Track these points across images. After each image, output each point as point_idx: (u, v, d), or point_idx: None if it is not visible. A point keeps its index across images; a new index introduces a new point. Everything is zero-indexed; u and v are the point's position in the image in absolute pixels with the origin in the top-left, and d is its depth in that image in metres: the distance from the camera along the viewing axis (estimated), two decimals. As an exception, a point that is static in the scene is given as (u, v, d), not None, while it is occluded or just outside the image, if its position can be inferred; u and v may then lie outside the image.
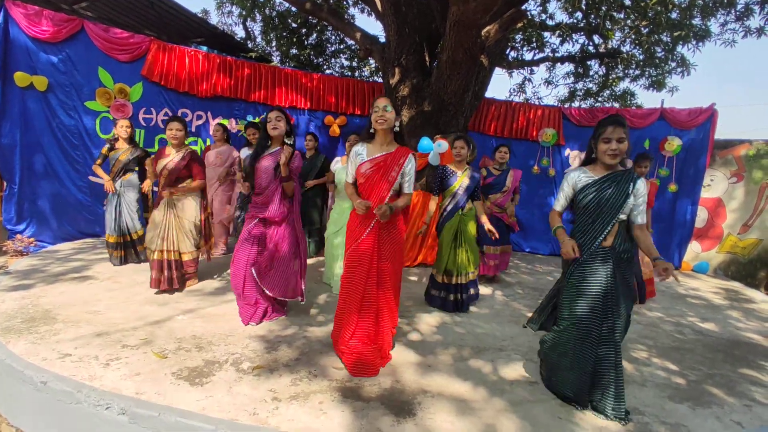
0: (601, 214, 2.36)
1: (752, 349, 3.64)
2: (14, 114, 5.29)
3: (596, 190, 2.36)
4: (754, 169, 6.85)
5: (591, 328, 2.35)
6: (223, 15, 11.25)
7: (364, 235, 2.70)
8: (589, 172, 2.44)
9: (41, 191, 5.52)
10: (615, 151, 2.31)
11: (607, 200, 2.33)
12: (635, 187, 2.33)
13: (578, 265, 2.41)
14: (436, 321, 3.68)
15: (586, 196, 2.39)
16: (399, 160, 2.73)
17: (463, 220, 3.94)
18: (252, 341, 2.97)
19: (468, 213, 3.97)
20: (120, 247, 4.64)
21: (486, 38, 5.42)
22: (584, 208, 2.41)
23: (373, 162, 2.74)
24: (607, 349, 2.34)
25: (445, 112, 5.92)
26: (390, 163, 2.73)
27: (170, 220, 3.89)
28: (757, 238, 6.84)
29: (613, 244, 2.37)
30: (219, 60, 6.46)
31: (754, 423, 2.43)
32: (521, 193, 7.81)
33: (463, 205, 3.94)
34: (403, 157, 2.74)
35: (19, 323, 2.97)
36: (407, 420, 2.17)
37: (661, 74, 8.73)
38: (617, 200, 2.32)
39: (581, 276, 2.39)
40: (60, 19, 5.40)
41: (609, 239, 2.37)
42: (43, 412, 2.30)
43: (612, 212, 2.33)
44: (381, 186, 2.72)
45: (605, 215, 2.34)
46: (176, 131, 3.86)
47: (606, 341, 2.34)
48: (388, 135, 2.78)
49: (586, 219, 2.41)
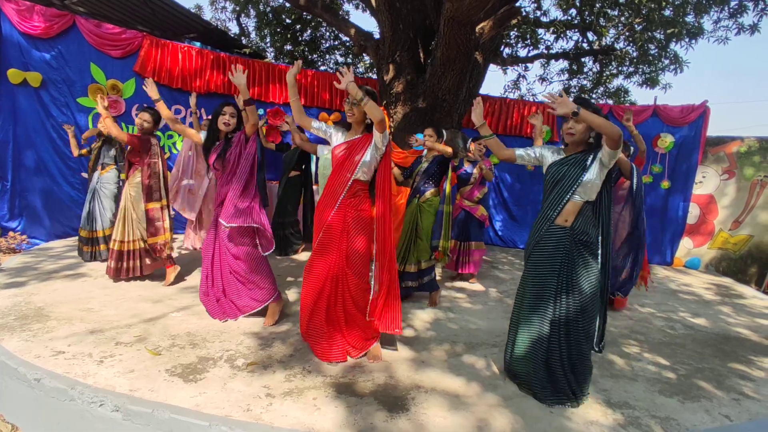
0: (554, 189, 2.42)
1: (742, 343, 3.69)
2: (6, 110, 5.25)
3: (557, 167, 2.44)
4: (745, 166, 6.91)
5: (544, 307, 2.41)
6: (216, 11, 11.21)
7: (330, 215, 2.77)
8: (563, 152, 2.51)
9: (34, 188, 5.49)
10: (570, 129, 2.39)
11: (563, 177, 2.39)
12: (593, 161, 2.35)
13: (535, 243, 2.48)
14: (430, 317, 3.70)
15: (548, 171, 2.49)
16: (363, 144, 2.82)
17: (419, 210, 3.92)
18: (246, 338, 2.98)
19: (426, 203, 3.93)
20: (90, 243, 4.64)
21: (480, 35, 5.42)
22: (546, 184, 2.51)
23: (346, 144, 2.86)
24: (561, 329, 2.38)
25: (440, 108, 5.92)
26: (355, 147, 2.83)
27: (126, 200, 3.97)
28: (748, 235, 6.91)
29: (573, 225, 2.40)
30: (213, 56, 6.42)
31: (743, 416, 2.47)
32: (514, 191, 7.92)
33: (422, 190, 3.92)
34: (369, 139, 2.83)
35: (12, 321, 2.96)
36: (400, 415, 2.19)
37: (654, 71, 8.78)
38: (571, 177, 2.37)
39: (535, 259, 2.47)
40: (51, 15, 5.35)
41: (569, 219, 2.40)
42: (37, 409, 2.30)
43: (565, 188, 2.37)
44: (346, 166, 2.80)
45: (558, 191, 2.40)
46: (143, 121, 3.96)
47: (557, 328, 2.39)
48: (359, 126, 2.89)
49: (546, 194, 2.50)
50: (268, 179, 6.59)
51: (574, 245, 2.38)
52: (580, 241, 2.39)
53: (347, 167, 2.79)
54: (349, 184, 2.77)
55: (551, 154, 2.53)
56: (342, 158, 2.82)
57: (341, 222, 2.77)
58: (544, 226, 2.45)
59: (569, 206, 2.39)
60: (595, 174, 2.35)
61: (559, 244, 2.40)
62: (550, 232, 2.43)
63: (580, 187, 2.36)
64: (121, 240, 3.93)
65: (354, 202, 2.80)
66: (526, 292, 2.51)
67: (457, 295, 4.43)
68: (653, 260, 7.11)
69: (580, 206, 2.40)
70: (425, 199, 3.98)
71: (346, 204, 2.79)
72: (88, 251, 4.62)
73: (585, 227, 2.39)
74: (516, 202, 7.87)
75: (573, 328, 2.39)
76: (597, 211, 2.47)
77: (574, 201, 2.39)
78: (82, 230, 4.65)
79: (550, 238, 2.43)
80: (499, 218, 7.91)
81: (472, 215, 4.87)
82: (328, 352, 2.73)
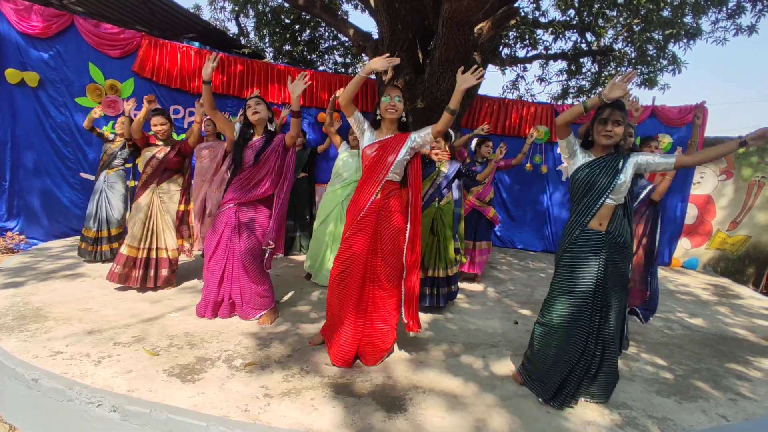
0: (588, 193, 2.37)
1: (739, 344, 3.70)
2: (4, 110, 5.24)
3: (589, 170, 2.37)
4: (743, 167, 6.93)
5: (580, 321, 2.36)
6: (215, 11, 11.18)
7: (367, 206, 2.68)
8: (590, 153, 2.45)
9: (32, 188, 5.49)
10: (609, 132, 2.32)
11: (596, 180, 2.34)
12: (625, 164, 2.32)
13: (567, 248, 2.41)
14: (429, 318, 3.70)
15: (579, 174, 2.41)
16: (397, 144, 2.74)
17: (441, 213, 3.85)
18: (244, 338, 2.98)
19: (446, 207, 3.87)
20: (95, 243, 4.59)
21: (479, 35, 5.43)
22: (576, 188, 2.43)
23: (378, 144, 2.77)
24: (596, 344, 2.36)
25: (438, 109, 5.91)
26: (388, 148, 2.74)
27: (156, 208, 3.82)
28: (746, 235, 6.93)
29: (608, 229, 2.36)
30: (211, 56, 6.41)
31: (739, 416, 2.48)
32: (513, 192, 7.93)
33: (443, 195, 3.88)
34: (401, 141, 2.75)
35: (10, 321, 2.95)
36: (398, 415, 2.19)
37: (652, 72, 8.79)
38: (605, 180, 2.32)
39: (571, 264, 2.39)
40: (50, 14, 5.35)
41: (603, 223, 2.36)
42: (35, 409, 2.30)
43: (599, 192, 2.33)
44: (379, 167, 2.73)
45: (592, 195, 2.35)
46: (160, 126, 3.86)
47: (596, 336, 2.35)
48: (394, 124, 2.81)
49: (577, 199, 2.43)
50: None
51: (610, 248, 2.34)
52: (616, 244, 2.35)
53: (380, 168, 2.71)
54: (381, 185, 2.71)
55: (582, 155, 2.45)
56: (375, 159, 2.74)
57: (371, 232, 2.68)
58: (576, 230, 2.39)
59: (603, 210, 2.35)
60: (629, 177, 2.33)
61: (595, 247, 2.35)
62: (584, 236, 2.37)
63: (613, 191, 2.33)
64: (137, 247, 3.74)
65: (386, 205, 2.72)
66: (561, 299, 2.42)
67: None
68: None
69: (613, 209, 2.37)
70: (446, 202, 3.90)
71: (377, 207, 2.71)
72: (92, 251, 4.58)
73: (620, 230, 2.36)
74: (515, 203, 7.88)
75: (610, 339, 2.36)
76: (626, 212, 2.44)
77: (608, 205, 2.35)
78: (86, 230, 4.60)
79: (586, 242, 2.37)
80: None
81: (481, 215, 4.94)
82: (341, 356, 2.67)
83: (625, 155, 2.35)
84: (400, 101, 2.74)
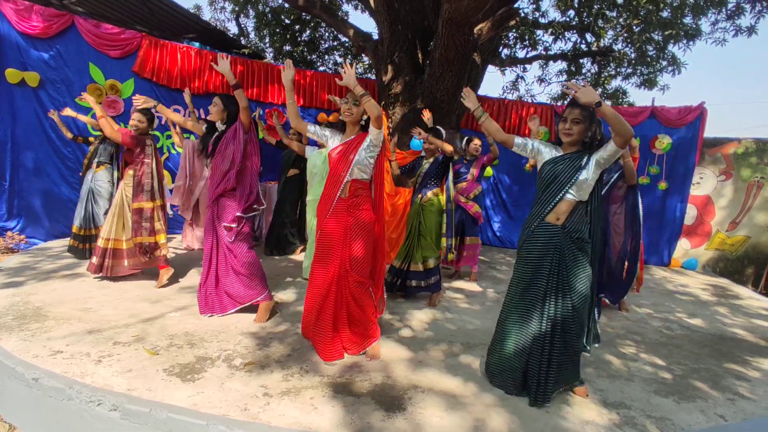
0: (549, 187, 2.41)
1: (738, 344, 3.70)
2: (5, 110, 5.25)
3: (553, 165, 2.43)
4: (742, 167, 6.93)
5: (533, 309, 2.41)
6: (215, 11, 11.22)
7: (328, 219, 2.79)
8: (560, 150, 2.50)
9: (32, 188, 5.50)
10: (568, 130, 2.39)
11: (558, 175, 2.39)
12: (589, 161, 2.35)
13: (525, 240, 2.49)
14: (428, 317, 3.71)
15: (543, 169, 2.48)
16: (358, 144, 2.82)
17: (421, 210, 3.98)
18: (244, 338, 2.99)
19: (428, 203, 3.99)
20: (85, 241, 4.65)
21: (479, 36, 5.44)
22: (540, 181, 2.50)
23: (342, 145, 2.86)
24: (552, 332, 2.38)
25: (438, 109, 5.93)
26: (350, 147, 2.83)
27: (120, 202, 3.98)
28: (745, 236, 6.93)
29: (564, 224, 2.40)
30: (212, 56, 6.42)
31: (737, 416, 2.48)
32: (512, 192, 7.94)
33: (424, 191, 3.98)
34: (361, 140, 2.82)
35: (10, 320, 2.96)
36: (397, 415, 2.20)
37: (652, 72, 8.81)
38: (566, 175, 2.37)
39: (526, 255, 2.47)
40: (50, 15, 5.36)
41: (561, 218, 2.40)
42: (35, 408, 2.30)
43: (559, 187, 2.37)
44: (341, 166, 2.81)
45: (552, 189, 2.40)
46: (137, 122, 3.96)
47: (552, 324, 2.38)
48: (355, 126, 2.89)
49: (539, 192, 2.49)
50: (267, 180, 6.61)
51: (566, 243, 2.38)
52: (572, 240, 2.39)
53: (342, 167, 2.79)
54: (344, 184, 2.77)
55: (548, 150, 2.52)
56: (338, 158, 2.82)
57: (341, 228, 2.76)
58: (534, 223, 2.45)
59: (562, 205, 2.39)
60: (591, 174, 2.35)
61: (550, 241, 2.40)
62: (541, 229, 2.43)
63: (574, 186, 2.36)
64: (107, 237, 3.91)
65: (354, 203, 2.79)
66: (516, 290, 2.51)
67: (454, 296, 4.44)
68: (650, 261, 7.14)
69: (573, 205, 2.40)
70: (427, 199, 4.04)
71: (345, 205, 2.78)
72: (82, 249, 4.63)
73: (578, 226, 2.40)
74: (514, 203, 7.89)
75: (565, 326, 2.39)
76: (588, 211, 2.47)
77: (567, 200, 2.39)
78: (76, 228, 4.66)
79: (542, 235, 2.43)
80: (497, 219, 7.94)
81: (466, 211, 4.95)
82: (331, 352, 2.72)
83: (591, 152, 2.38)
84: (356, 104, 2.79)
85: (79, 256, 4.63)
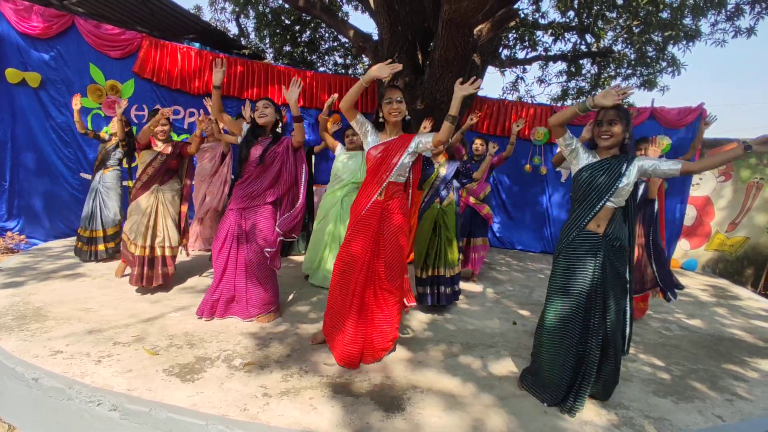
0: (588, 195, 2.36)
1: (736, 345, 3.71)
2: (5, 110, 5.26)
3: (591, 172, 2.37)
4: (741, 168, 6.94)
5: (575, 321, 2.36)
6: (216, 11, 11.22)
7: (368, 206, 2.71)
8: (595, 154, 2.44)
9: (32, 188, 5.50)
10: (606, 132, 2.33)
11: (598, 183, 2.33)
12: (629, 167, 2.31)
13: (564, 249, 2.42)
14: (427, 318, 3.72)
15: (581, 175, 2.40)
16: (402, 146, 2.76)
17: (443, 214, 3.86)
18: (244, 338, 2.99)
19: (448, 207, 3.88)
20: (89, 242, 4.62)
21: (479, 37, 5.45)
22: (577, 188, 2.43)
23: (384, 145, 2.78)
24: (593, 345, 2.34)
25: (438, 110, 5.95)
26: (392, 149, 2.76)
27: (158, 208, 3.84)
28: (745, 236, 6.94)
29: (605, 231, 2.36)
30: (212, 57, 6.43)
31: (735, 417, 2.49)
32: (512, 193, 7.95)
33: (443, 196, 3.88)
34: (406, 143, 2.76)
35: (10, 320, 2.97)
36: (396, 415, 2.21)
37: (652, 73, 8.81)
38: (606, 183, 2.31)
39: (566, 264, 2.40)
40: (50, 15, 5.37)
41: (601, 225, 2.36)
42: (35, 408, 2.31)
43: (599, 195, 2.32)
44: (383, 168, 2.74)
45: (592, 197, 2.34)
46: (161, 126, 3.86)
47: (595, 337, 2.33)
48: (398, 125, 2.83)
49: (577, 199, 2.43)
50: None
51: (607, 251, 2.34)
52: (613, 247, 2.35)
53: (384, 169, 2.73)
54: (384, 186, 2.72)
55: (585, 155, 2.44)
56: (380, 159, 2.75)
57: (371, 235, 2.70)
58: (574, 231, 2.39)
59: (602, 212, 2.34)
60: (632, 179, 2.31)
61: (592, 249, 2.34)
62: (581, 237, 2.37)
63: (614, 194, 2.32)
64: (151, 246, 3.76)
65: (390, 206, 2.74)
66: (556, 298, 2.43)
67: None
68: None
69: (612, 212, 2.36)
70: (447, 203, 3.90)
71: (380, 208, 2.73)
72: (87, 251, 4.62)
73: (618, 233, 2.36)
74: (514, 204, 7.90)
75: (611, 335, 2.35)
76: (626, 216, 2.43)
77: (607, 207, 2.34)
78: (82, 230, 4.65)
79: (582, 243, 2.36)
80: (497, 220, 7.94)
81: (476, 212, 4.94)
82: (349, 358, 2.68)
83: (630, 158, 2.33)
84: (401, 102, 2.75)
85: (82, 258, 4.62)
